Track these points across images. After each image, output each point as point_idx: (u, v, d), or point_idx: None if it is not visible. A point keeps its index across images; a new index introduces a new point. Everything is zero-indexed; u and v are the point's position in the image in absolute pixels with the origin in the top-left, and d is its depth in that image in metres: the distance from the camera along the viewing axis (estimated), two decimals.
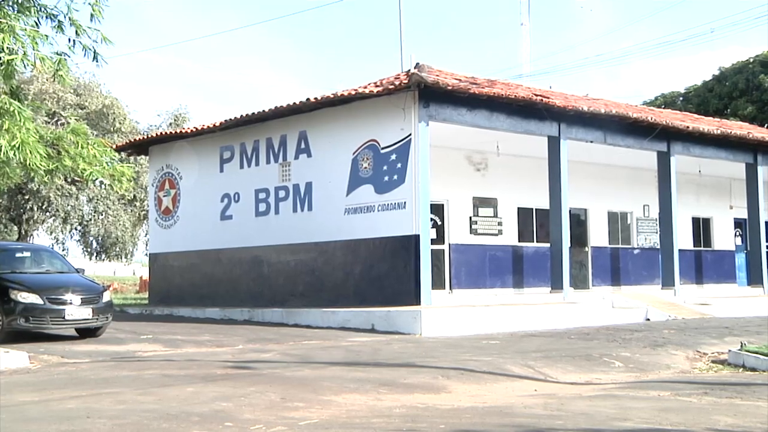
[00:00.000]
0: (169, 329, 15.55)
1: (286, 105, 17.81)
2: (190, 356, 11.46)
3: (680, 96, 52.00)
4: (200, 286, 20.74)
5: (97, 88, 36.42)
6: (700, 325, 16.22)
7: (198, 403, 7.54)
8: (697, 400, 8.18)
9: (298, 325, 16.51)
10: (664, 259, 21.63)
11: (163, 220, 22.19)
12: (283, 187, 18.95)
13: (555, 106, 17.94)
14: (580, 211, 23.66)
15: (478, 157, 21.27)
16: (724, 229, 27.83)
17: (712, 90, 49.53)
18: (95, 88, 36.25)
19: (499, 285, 21.45)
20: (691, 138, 21.61)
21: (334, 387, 8.63)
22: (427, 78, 15.53)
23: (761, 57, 47.80)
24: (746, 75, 47.57)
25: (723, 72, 49.92)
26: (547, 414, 7.26)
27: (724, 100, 47.92)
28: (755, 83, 46.68)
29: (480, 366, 10.28)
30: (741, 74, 48.02)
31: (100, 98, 35.53)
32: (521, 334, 14.48)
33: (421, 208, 16.10)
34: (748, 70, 47.77)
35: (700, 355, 12.01)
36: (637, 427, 6.67)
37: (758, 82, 46.49)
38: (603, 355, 11.50)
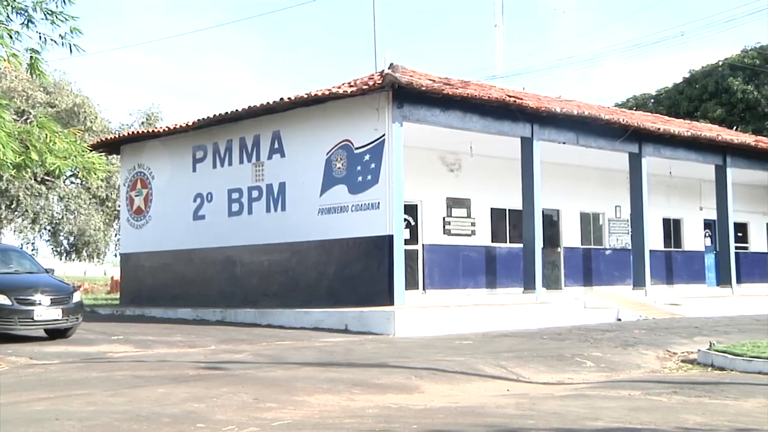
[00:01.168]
0: (140, 330, 15.42)
1: (259, 105, 17.74)
2: (161, 357, 11.37)
3: (651, 98, 52.45)
4: (172, 287, 20.59)
5: (68, 87, 35.99)
6: (671, 325, 16.36)
7: (169, 404, 7.48)
8: (667, 399, 8.25)
9: (271, 325, 16.43)
10: (636, 260, 21.81)
11: (135, 220, 22.01)
12: (257, 187, 18.87)
13: (528, 107, 18.02)
14: (553, 211, 23.79)
15: (452, 158, 21.32)
16: (694, 230, 28.11)
17: (683, 92, 50.01)
18: (66, 86, 35.81)
19: (472, 285, 21.51)
20: (662, 140, 21.81)
21: (307, 387, 8.60)
22: (401, 78, 15.55)
23: (730, 60, 48.32)
24: (716, 78, 48.08)
25: (693, 75, 50.42)
26: (519, 414, 7.29)
27: (694, 102, 48.40)
28: (724, 86, 47.21)
29: (453, 366, 10.29)
30: (711, 77, 48.53)
31: (71, 97, 35.15)
32: (494, 334, 14.52)
33: (395, 208, 16.10)
34: (717, 73, 48.29)
35: (670, 355, 12.11)
36: (608, 426, 6.71)
37: (727, 85, 47.02)
38: (575, 355, 11.56)
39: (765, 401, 8.12)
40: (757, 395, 8.48)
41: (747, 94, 46.37)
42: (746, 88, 46.42)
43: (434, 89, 16.23)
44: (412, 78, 16.07)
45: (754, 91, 46.38)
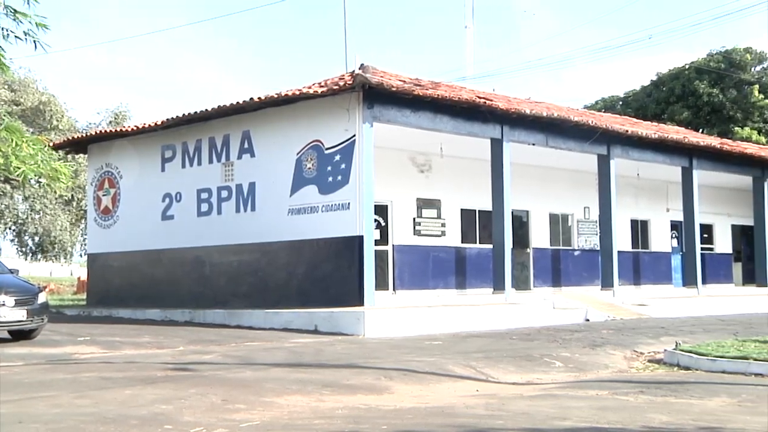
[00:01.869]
0: (107, 331, 15.27)
1: (229, 104, 17.65)
2: (129, 358, 11.26)
3: (620, 100, 52.94)
4: (140, 287, 20.42)
5: (33, 84, 35.50)
6: (638, 325, 16.51)
7: (137, 406, 7.41)
8: (634, 398, 8.32)
9: (241, 326, 16.35)
10: (604, 261, 21.98)
11: (103, 220, 21.80)
12: (226, 187, 18.77)
13: (498, 108, 18.10)
14: (522, 212, 23.93)
15: (422, 159, 21.37)
16: (661, 232, 28.42)
17: (651, 95, 50.54)
18: (31, 84, 35.31)
19: (442, 286, 21.57)
20: (630, 142, 22.01)
21: (277, 388, 8.56)
22: (372, 79, 15.55)
23: (696, 64, 48.89)
24: (682, 81, 48.66)
25: (661, 78, 50.97)
26: (488, 414, 7.31)
27: (661, 105, 48.94)
28: (691, 89, 47.78)
29: (422, 367, 10.30)
30: (677, 80, 49.09)
31: (37, 95, 34.71)
32: (464, 335, 14.56)
33: (365, 208, 16.10)
34: (684, 77, 48.87)
35: (637, 355, 12.21)
36: (576, 426, 6.75)
37: (693, 88, 47.58)
38: (544, 356, 11.62)
39: (729, 400, 8.22)
40: (721, 394, 8.58)
41: (712, 98, 46.97)
42: (712, 92, 47.02)
43: (405, 90, 16.25)
44: (383, 78, 16.07)
45: (720, 95, 47.00)
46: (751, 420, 7.11)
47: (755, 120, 47.05)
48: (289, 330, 15.35)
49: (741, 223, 30.51)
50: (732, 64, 47.91)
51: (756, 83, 47.65)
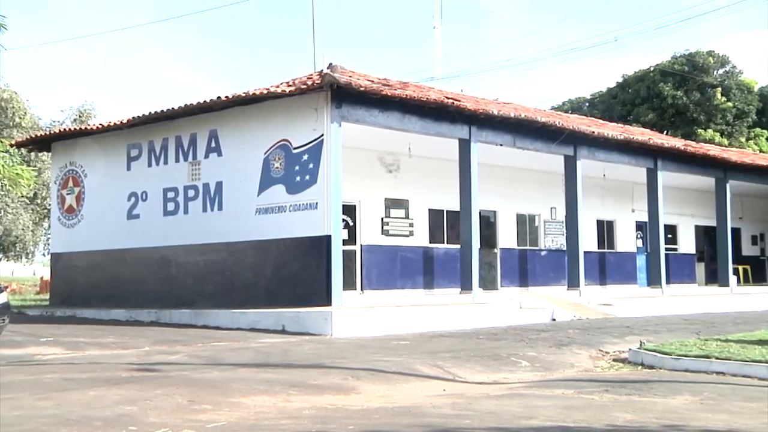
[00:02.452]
0: (71, 331, 15.08)
1: (196, 103, 17.50)
2: (93, 359, 11.12)
3: (586, 102, 53.42)
4: (105, 287, 20.18)
5: None
6: (603, 324, 16.64)
7: (101, 407, 7.32)
8: (599, 397, 8.39)
9: (207, 326, 16.23)
10: (570, 261, 22.14)
11: (67, 219, 21.53)
12: (193, 186, 18.62)
13: (466, 109, 18.16)
14: (490, 213, 24.05)
15: (391, 159, 21.39)
16: (626, 232, 28.71)
17: (616, 97, 51.05)
18: None
19: (410, 286, 21.61)
20: (597, 143, 22.20)
21: (243, 389, 8.51)
22: (340, 79, 15.52)
23: (661, 66, 49.48)
24: (647, 83, 49.22)
25: (626, 80, 51.51)
26: (455, 414, 7.33)
27: (627, 106, 49.45)
28: (655, 91, 48.34)
29: (390, 366, 10.30)
30: (643, 82, 49.65)
31: None
32: (431, 335, 14.58)
33: (333, 208, 16.07)
34: (649, 79, 49.43)
35: (602, 354, 12.28)
36: (542, 425, 6.79)
37: (658, 90, 48.14)
38: (510, 355, 11.66)
39: (691, 398, 8.32)
40: (683, 392, 8.68)
41: (677, 100, 47.56)
42: (676, 94, 47.61)
43: (373, 90, 16.25)
44: (351, 78, 16.05)
45: (684, 97, 47.60)
46: (713, 417, 7.20)
47: (718, 122, 47.72)
48: (257, 330, 15.26)
49: (704, 223, 30.93)
50: (695, 67, 48.54)
51: (718, 86, 48.31)
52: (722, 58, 49.85)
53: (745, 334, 13.68)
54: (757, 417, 7.27)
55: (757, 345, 11.80)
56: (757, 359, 10.39)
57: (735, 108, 48.08)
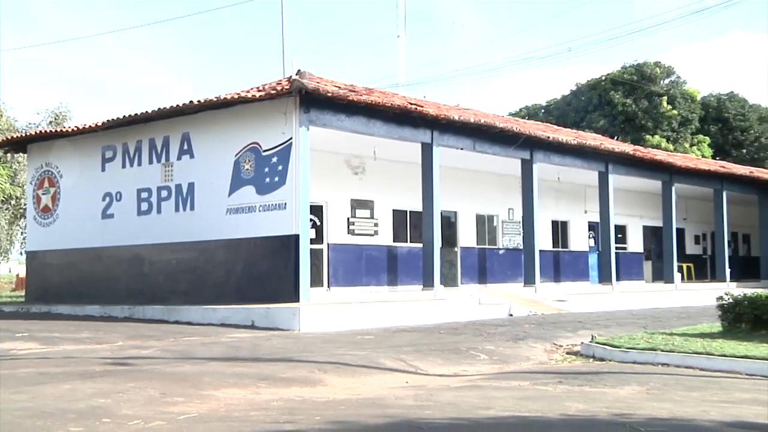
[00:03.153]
0: (46, 327, 14.85)
1: (169, 107, 17.36)
2: (67, 353, 10.96)
3: (542, 108, 53.88)
4: (80, 284, 19.93)
5: None
6: (557, 319, 16.78)
7: (75, 400, 7.22)
8: (553, 388, 8.45)
9: (179, 321, 16.08)
10: (526, 259, 22.30)
11: (42, 219, 21.21)
12: (166, 187, 18.46)
13: (428, 114, 18.22)
14: (451, 213, 24.13)
15: (356, 161, 21.38)
16: (579, 232, 28.97)
17: (570, 104, 51.57)
18: None
19: (374, 283, 21.61)
20: (552, 147, 22.38)
21: (214, 382, 8.45)
22: (308, 84, 15.48)
23: (612, 75, 50.08)
24: (599, 91, 49.78)
25: (579, 88, 52.05)
26: (417, 405, 7.34)
27: (580, 113, 49.97)
28: (607, 99, 48.91)
29: (355, 360, 10.29)
30: (595, 90, 50.19)
31: None
32: (394, 330, 14.59)
33: (301, 208, 16.02)
34: (600, 87, 50.00)
35: (556, 347, 12.36)
36: (499, 414, 6.82)
37: (609, 98, 48.72)
38: (470, 349, 11.71)
39: (638, 388, 8.42)
40: (631, 383, 8.79)
41: (626, 107, 48.18)
42: (626, 102, 48.22)
43: (340, 95, 16.24)
44: (319, 84, 16.01)
45: (633, 105, 48.24)
46: (658, 406, 7.30)
47: (664, 129, 48.42)
48: (227, 325, 15.16)
49: (651, 224, 31.30)
50: (643, 76, 49.21)
51: (665, 95, 49.05)
52: (668, 69, 50.61)
53: (688, 327, 13.88)
54: (698, 405, 7.38)
55: (699, 338, 11.98)
56: (699, 351, 10.55)
57: (680, 116, 48.83)
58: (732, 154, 49.39)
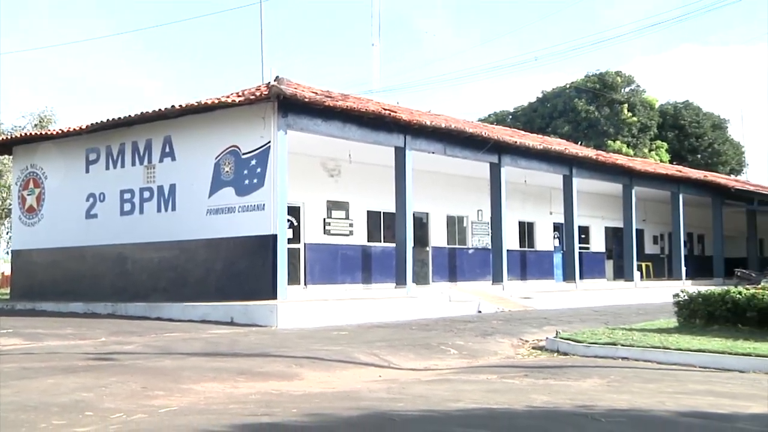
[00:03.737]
0: (30, 323, 14.65)
1: (152, 111, 17.23)
2: (51, 349, 10.84)
3: (510, 114, 54.12)
4: (64, 282, 19.69)
5: None
6: (524, 316, 16.86)
7: (58, 394, 7.14)
8: (519, 381, 8.49)
9: (161, 318, 15.96)
10: (494, 258, 22.38)
11: (27, 218, 20.94)
12: (148, 188, 18.30)
13: (401, 119, 18.23)
14: (423, 214, 24.17)
15: (332, 164, 21.34)
16: (544, 232, 29.13)
17: (536, 110, 51.88)
18: None
19: (349, 281, 21.58)
20: (519, 152, 22.49)
21: (194, 376, 8.40)
22: (286, 90, 15.44)
23: (576, 84, 50.48)
24: (564, 99, 50.15)
25: (545, 95, 52.39)
26: (390, 397, 7.34)
27: (546, 119, 50.30)
28: (571, 106, 49.28)
29: (330, 355, 10.28)
30: (560, 98, 50.55)
31: None
32: (368, 326, 14.58)
33: (279, 209, 15.96)
34: (565, 95, 50.38)
35: (522, 343, 12.41)
36: (468, 407, 6.85)
37: (573, 105, 49.09)
38: (440, 344, 11.72)
39: (600, 381, 8.49)
40: (593, 376, 8.85)
41: (589, 114, 48.58)
42: (589, 109, 48.62)
43: (316, 101, 16.20)
44: (296, 90, 15.98)
45: (595, 112, 48.65)
46: (618, 398, 7.37)
47: (625, 135, 48.88)
48: (207, 322, 15.07)
49: (612, 225, 31.56)
50: (605, 85, 49.66)
51: (625, 102, 49.53)
52: (628, 78, 51.11)
53: (646, 323, 13.98)
54: (655, 396, 7.46)
55: (657, 333, 12.10)
56: (656, 345, 10.65)
57: (639, 122, 49.32)
58: (688, 159, 49.99)
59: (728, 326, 12.14)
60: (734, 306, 12.25)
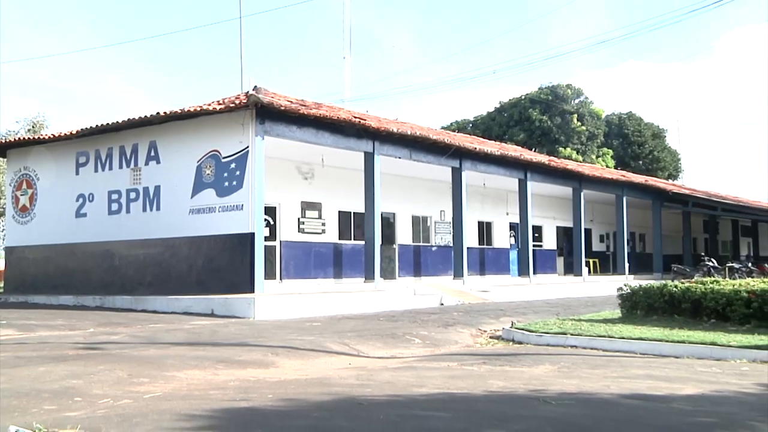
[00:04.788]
0: (23, 315, 14.41)
1: (137, 117, 17.04)
2: (42, 339, 10.66)
3: (470, 123, 54.36)
4: (55, 277, 19.40)
5: None
6: (482, 308, 16.92)
7: (49, 381, 7.03)
8: (478, 368, 8.51)
9: (146, 310, 15.79)
10: (456, 255, 22.47)
11: (20, 217, 20.58)
12: (134, 189, 18.09)
13: (370, 127, 18.23)
14: (390, 214, 24.19)
15: (306, 168, 21.28)
16: (501, 231, 29.32)
17: (494, 119, 52.16)
18: None
19: (322, 276, 21.54)
20: (478, 157, 22.60)
21: (177, 364, 8.31)
22: (263, 99, 15.37)
23: (530, 95, 50.84)
24: (519, 109, 50.49)
25: (502, 105, 52.69)
26: (359, 384, 7.34)
27: (503, 127, 50.59)
28: (526, 116, 49.65)
29: (304, 344, 10.24)
30: (516, 108, 50.89)
31: None
32: (339, 317, 14.56)
33: (256, 209, 15.88)
34: (521, 105, 50.72)
35: (481, 332, 12.43)
36: (431, 392, 6.86)
37: (528, 115, 49.46)
38: (406, 334, 11.72)
39: (551, 367, 8.55)
40: (545, 363, 8.91)
41: (542, 123, 48.98)
42: (542, 118, 49.03)
43: (291, 109, 16.14)
44: (273, 99, 15.91)
45: (548, 121, 49.07)
46: (567, 382, 7.44)
47: (574, 142, 49.39)
48: (189, 314, 14.94)
49: (563, 225, 31.86)
50: (557, 96, 50.11)
51: (575, 113, 50.03)
52: (578, 91, 51.64)
53: (593, 314, 14.12)
54: (601, 381, 7.55)
55: (602, 323, 12.22)
56: (602, 334, 10.76)
57: (587, 131, 49.86)
58: (631, 165, 50.66)
59: (666, 316, 12.31)
60: (671, 298, 12.43)
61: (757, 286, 11.70)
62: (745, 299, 11.41)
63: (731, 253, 40.02)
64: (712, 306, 11.78)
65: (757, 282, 12.32)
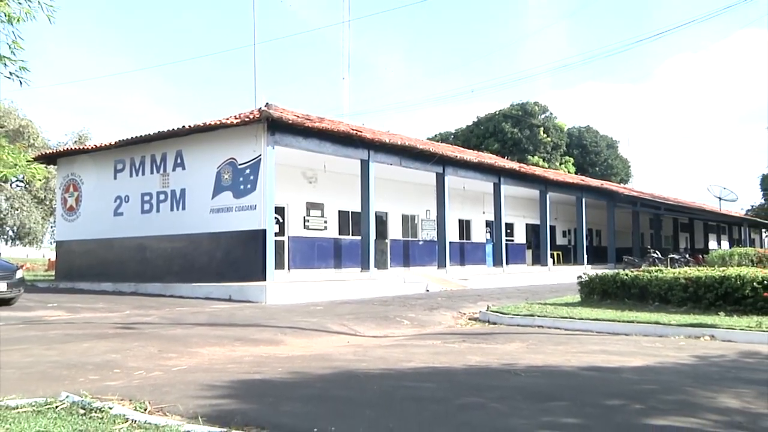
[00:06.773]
0: (70, 299, 14.40)
1: (166, 130, 17.01)
2: (87, 320, 10.66)
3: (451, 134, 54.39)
4: (97, 266, 19.35)
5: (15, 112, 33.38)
6: (462, 294, 16.93)
7: (93, 355, 7.05)
8: (458, 345, 8.54)
9: (173, 295, 15.76)
10: (440, 248, 22.48)
11: (68, 216, 20.53)
12: (163, 191, 18.06)
13: (366, 138, 18.23)
14: (383, 213, 24.19)
15: (311, 173, 21.26)
16: (479, 228, 29.35)
17: (473, 131, 52.17)
18: (13, 111, 33.20)
19: (324, 266, 21.52)
20: (459, 164, 22.61)
21: (200, 342, 8.33)
22: (274, 114, 15.36)
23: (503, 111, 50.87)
24: (494, 122, 50.51)
25: (479, 120, 52.71)
26: (356, 359, 7.36)
27: (480, 138, 50.62)
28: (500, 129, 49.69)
29: (308, 325, 10.25)
30: (491, 122, 50.91)
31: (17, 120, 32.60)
32: (339, 302, 14.55)
33: (268, 209, 15.87)
34: (495, 119, 50.74)
35: (461, 315, 12.45)
36: (418, 366, 6.89)
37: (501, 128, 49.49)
38: (396, 316, 11.74)
39: (521, 344, 8.58)
40: (516, 341, 8.93)
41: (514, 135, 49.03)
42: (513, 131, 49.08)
43: (298, 123, 16.14)
44: (282, 114, 15.89)
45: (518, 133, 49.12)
46: (534, 357, 7.47)
47: (541, 152, 49.46)
48: (210, 299, 14.93)
49: (531, 222, 31.89)
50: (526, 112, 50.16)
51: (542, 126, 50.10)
52: (544, 107, 51.70)
53: (557, 299, 14.16)
54: (563, 355, 7.58)
55: (565, 306, 12.26)
56: (564, 316, 10.78)
57: (552, 142, 49.95)
58: (588, 171, 50.77)
59: (618, 300, 12.34)
60: (622, 285, 12.48)
61: (693, 274, 11.76)
62: (683, 285, 11.48)
63: (672, 246, 40.17)
64: (656, 291, 11.84)
65: (693, 270, 12.37)
